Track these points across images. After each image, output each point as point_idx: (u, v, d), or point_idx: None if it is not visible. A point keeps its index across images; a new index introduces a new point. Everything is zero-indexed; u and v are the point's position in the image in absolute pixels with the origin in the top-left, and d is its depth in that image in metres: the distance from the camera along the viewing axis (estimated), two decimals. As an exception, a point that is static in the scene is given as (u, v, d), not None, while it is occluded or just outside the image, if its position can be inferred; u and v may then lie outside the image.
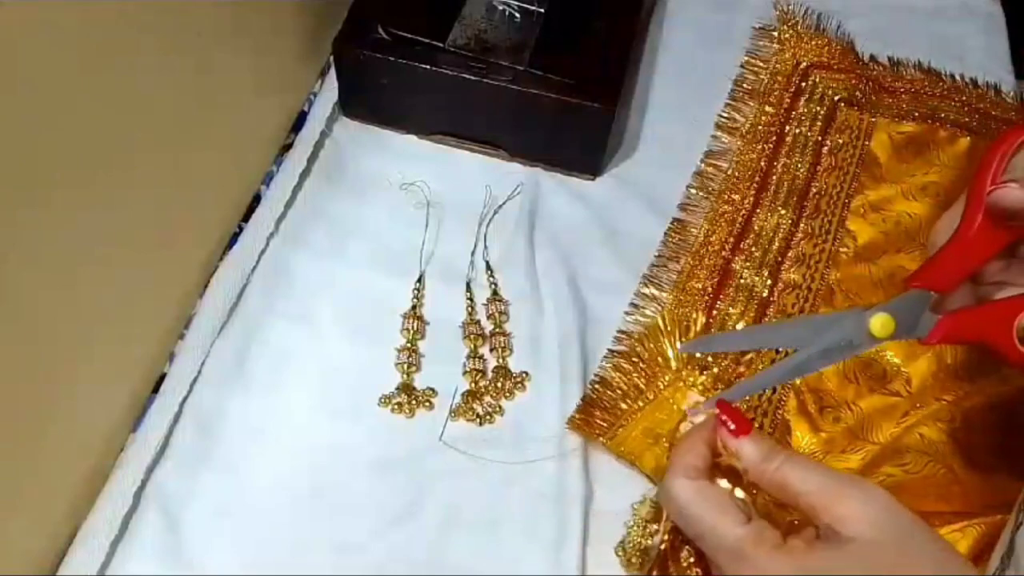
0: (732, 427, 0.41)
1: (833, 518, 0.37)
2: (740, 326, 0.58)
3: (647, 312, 0.58)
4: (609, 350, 0.56)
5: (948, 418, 0.51)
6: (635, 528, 0.47)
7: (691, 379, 0.54)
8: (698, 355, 0.55)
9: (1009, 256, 0.43)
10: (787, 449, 0.40)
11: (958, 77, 0.72)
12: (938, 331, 0.41)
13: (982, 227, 0.40)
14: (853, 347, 0.42)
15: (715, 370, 0.54)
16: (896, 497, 0.38)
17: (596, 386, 0.54)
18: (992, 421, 0.51)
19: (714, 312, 0.58)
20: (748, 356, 0.55)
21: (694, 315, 0.57)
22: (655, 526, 0.46)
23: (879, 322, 0.41)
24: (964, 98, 0.71)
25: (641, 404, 0.53)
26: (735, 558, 0.38)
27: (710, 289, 0.59)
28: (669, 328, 0.56)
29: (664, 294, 0.59)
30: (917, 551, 0.36)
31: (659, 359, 0.55)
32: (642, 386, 0.54)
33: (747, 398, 0.54)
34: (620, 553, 0.48)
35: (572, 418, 0.53)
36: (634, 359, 0.55)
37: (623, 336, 0.57)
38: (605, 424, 0.53)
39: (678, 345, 0.55)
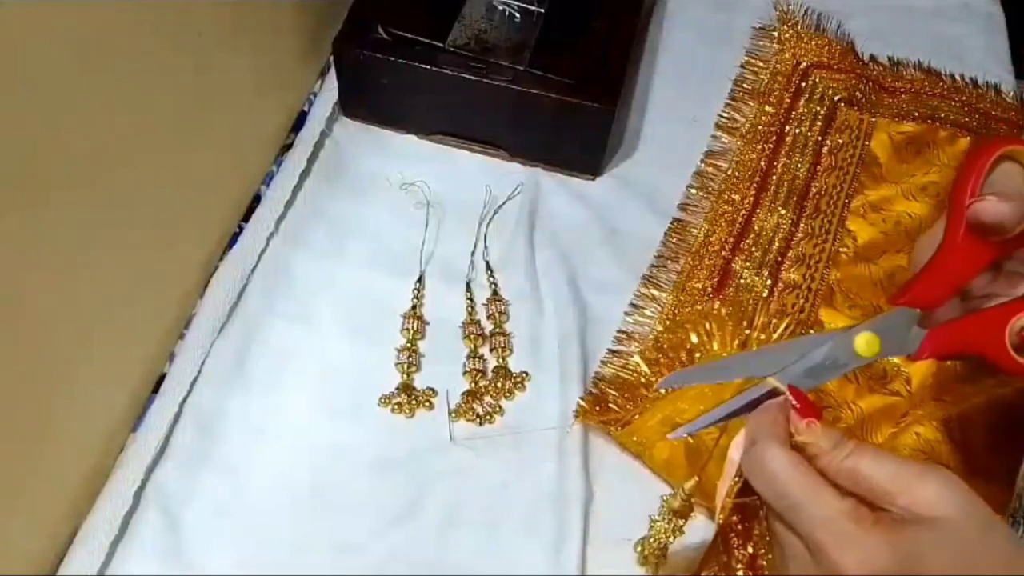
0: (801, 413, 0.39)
1: (914, 501, 0.36)
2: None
3: (647, 313, 0.58)
4: (610, 350, 0.56)
5: (946, 418, 0.51)
6: (661, 522, 0.45)
7: None
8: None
9: (995, 271, 0.42)
10: (854, 439, 0.39)
11: (958, 77, 0.72)
12: (927, 346, 0.40)
13: (964, 242, 0.40)
14: (839, 366, 0.41)
15: None
16: None
17: (617, 371, 0.54)
18: (991, 422, 0.51)
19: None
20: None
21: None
22: (682, 522, 0.45)
23: (863, 341, 0.40)
24: (964, 98, 0.71)
25: (663, 392, 0.53)
26: (834, 532, 0.37)
27: (710, 289, 0.59)
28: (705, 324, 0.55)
29: (664, 294, 0.59)
30: (996, 535, 0.36)
31: (683, 355, 0.54)
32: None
33: None
34: (638, 549, 0.47)
35: (580, 406, 0.52)
36: (655, 351, 0.55)
37: (623, 336, 0.57)
38: (619, 410, 0.52)
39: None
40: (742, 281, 0.60)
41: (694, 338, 0.55)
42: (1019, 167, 0.40)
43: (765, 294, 0.59)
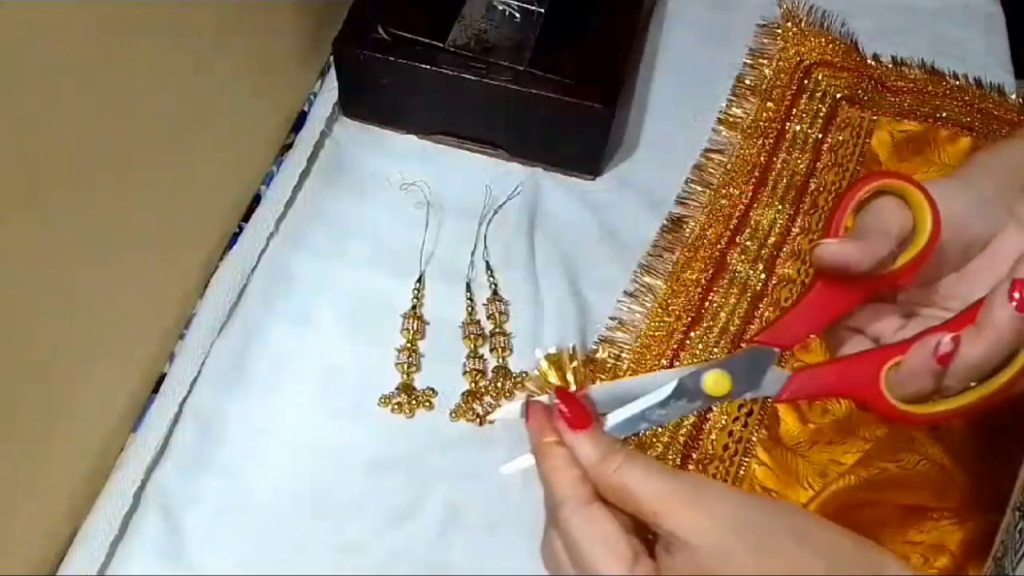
0: (570, 418, 0.37)
1: (676, 525, 0.33)
2: (732, 319, 0.58)
3: (644, 302, 0.58)
4: (600, 337, 0.57)
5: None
6: None
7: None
8: None
9: (907, 315, 0.42)
10: (628, 448, 0.36)
11: (961, 77, 0.72)
12: (790, 387, 0.39)
13: (826, 284, 0.39)
14: (690, 404, 0.39)
15: None
16: (892, 489, 0.37)
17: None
18: (984, 422, 0.51)
19: (706, 304, 0.58)
20: None
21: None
22: None
23: (712, 379, 0.38)
24: (967, 98, 0.70)
25: None
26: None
27: (703, 281, 0.59)
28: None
29: (659, 282, 0.59)
30: (779, 552, 0.33)
31: None
32: None
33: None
34: None
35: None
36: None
37: (615, 323, 0.57)
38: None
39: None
40: (736, 275, 0.60)
41: None
42: (895, 201, 0.39)
43: (759, 288, 0.59)
